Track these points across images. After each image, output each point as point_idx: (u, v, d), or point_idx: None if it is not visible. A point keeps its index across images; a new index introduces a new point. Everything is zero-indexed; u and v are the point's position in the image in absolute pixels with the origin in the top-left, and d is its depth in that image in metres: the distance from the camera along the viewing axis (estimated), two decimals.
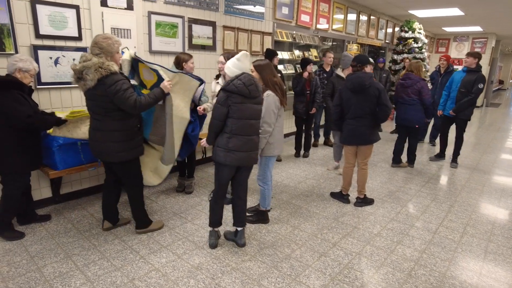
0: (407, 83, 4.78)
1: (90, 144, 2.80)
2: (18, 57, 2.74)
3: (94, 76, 2.46)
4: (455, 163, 5.37)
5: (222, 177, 2.72)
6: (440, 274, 2.61)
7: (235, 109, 2.55)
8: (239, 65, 2.62)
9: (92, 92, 2.55)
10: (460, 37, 13.30)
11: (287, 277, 2.50)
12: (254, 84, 2.59)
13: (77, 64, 2.54)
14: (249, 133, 2.63)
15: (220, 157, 2.62)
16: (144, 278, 2.44)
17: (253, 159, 2.73)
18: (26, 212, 3.13)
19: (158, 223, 3.15)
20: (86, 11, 3.44)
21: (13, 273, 2.46)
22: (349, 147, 3.73)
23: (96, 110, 2.64)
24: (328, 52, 5.85)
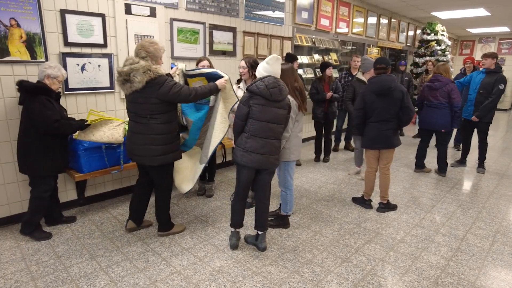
0: (435, 85, 4.58)
1: (128, 146, 2.86)
2: (47, 64, 2.86)
3: (142, 78, 2.53)
4: (482, 168, 5.17)
5: (240, 178, 2.74)
6: (469, 283, 2.51)
7: (255, 110, 2.58)
8: (268, 68, 2.63)
9: (137, 95, 2.61)
10: (485, 38, 12.91)
11: (308, 282, 2.47)
12: (277, 87, 2.58)
13: (123, 67, 2.60)
14: (268, 136, 2.62)
15: (237, 156, 2.67)
16: (166, 280, 2.47)
17: (272, 163, 2.71)
18: (53, 214, 3.23)
19: (179, 226, 3.18)
20: (111, 19, 3.55)
21: (42, 272, 2.54)
22: (372, 151, 3.66)
23: (141, 113, 2.68)
24: (355, 56, 5.78)
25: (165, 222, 3.06)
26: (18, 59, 3.01)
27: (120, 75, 2.60)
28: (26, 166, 2.89)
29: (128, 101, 2.75)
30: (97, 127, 3.22)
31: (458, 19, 9.36)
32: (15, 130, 3.00)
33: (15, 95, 3.00)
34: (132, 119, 2.78)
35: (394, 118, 3.51)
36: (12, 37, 2.95)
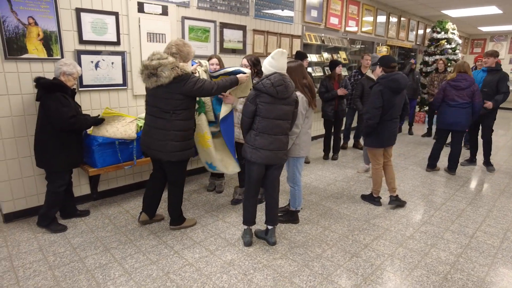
0: (464, 84, 4.44)
1: (144, 140, 2.90)
2: (63, 62, 2.93)
3: (170, 74, 2.58)
4: (491, 166, 5.14)
5: (251, 174, 2.77)
6: (478, 279, 2.52)
7: (262, 108, 2.60)
8: (273, 63, 2.63)
9: (163, 90, 2.65)
10: (497, 36, 12.75)
11: (318, 275, 2.50)
12: (283, 85, 2.58)
13: (150, 61, 2.63)
14: (276, 132, 2.65)
15: (247, 153, 2.70)
16: (179, 272, 2.52)
17: (281, 158, 2.75)
18: (68, 207, 3.32)
19: (191, 220, 3.24)
20: (124, 17, 3.63)
21: (59, 262, 2.62)
22: (381, 149, 3.68)
23: (165, 108, 2.72)
24: (365, 54, 5.77)
25: (177, 216, 3.12)
26: (36, 56, 3.10)
27: (146, 68, 2.63)
28: (42, 161, 2.98)
29: (149, 95, 2.78)
30: (110, 123, 3.29)
31: (469, 17, 9.26)
32: (32, 126, 3.08)
33: (33, 92, 3.08)
34: (152, 113, 2.80)
35: (399, 115, 3.66)
36: (30, 35, 3.03)
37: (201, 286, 2.36)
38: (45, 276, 2.45)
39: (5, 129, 3.06)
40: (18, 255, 2.71)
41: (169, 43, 2.79)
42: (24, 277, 2.43)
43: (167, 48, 2.76)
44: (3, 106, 3.01)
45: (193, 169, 4.65)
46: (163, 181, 3.11)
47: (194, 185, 4.28)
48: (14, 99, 3.06)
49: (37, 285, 2.35)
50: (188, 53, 2.81)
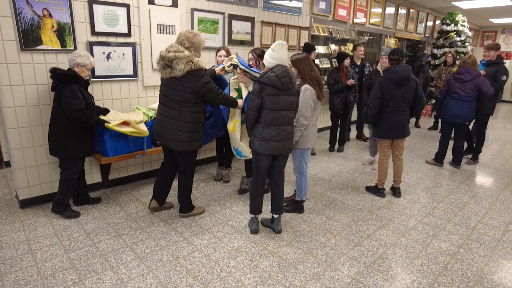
0: (466, 77, 4.48)
1: (156, 129, 2.98)
2: (77, 53, 3.01)
3: (184, 67, 2.68)
4: (474, 161, 5.17)
5: (259, 165, 2.84)
6: (478, 269, 2.59)
7: (268, 100, 2.65)
8: (274, 55, 2.68)
9: (175, 82, 2.76)
10: (509, 28, 12.55)
11: (322, 263, 2.60)
12: (287, 76, 2.64)
13: (167, 52, 2.73)
14: (282, 123, 2.72)
15: (256, 146, 2.77)
16: (188, 257, 2.64)
17: (288, 148, 2.82)
18: (81, 194, 3.44)
19: (199, 208, 3.35)
20: (135, 9, 3.69)
21: (73, 247, 2.74)
22: (386, 140, 3.74)
23: (175, 99, 2.82)
24: (359, 46, 5.90)
25: (186, 204, 3.23)
26: (50, 47, 3.18)
27: (163, 59, 2.74)
28: (56, 149, 3.08)
29: (164, 85, 2.88)
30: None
31: (481, 9, 9.14)
32: (46, 115, 3.19)
33: (47, 82, 3.18)
34: (164, 103, 2.90)
35: (408, 107, 3.63)
36: (44, 26, 3.11)
37: (209, 271, 2.47)
38: (61, 259, 2.58)
39: (21, 118, 3.17)
40: (35, 239, 2.84)
41: (179, 37, 2.84)
42: (41, 260, 2.56)
43: (178, 42, 2.83)
44: (19, 96, 3.11)
45: (201, 159, 4.74)
46: (174, 170, 3.21)
47: (202, 175, 4.38)
48: (29, 89, 3.16)
49: (54, 267, 2.48)
50: (200, 43, 2.87)
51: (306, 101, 2.92)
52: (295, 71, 2.98)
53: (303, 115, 2.95)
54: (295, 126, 2.96)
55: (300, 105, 2.90)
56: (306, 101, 2.92)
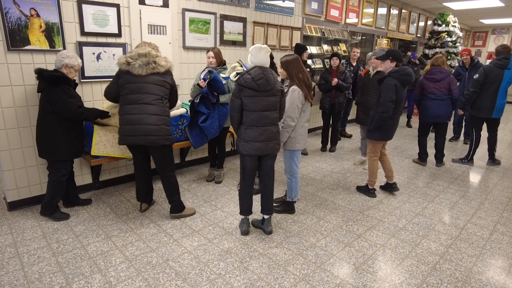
0: (438, 76, 4.62)
1: (132, 130, 2.83)
2: (64, 54, 2.96)
3: (166, 64, 2.91)
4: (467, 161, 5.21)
5: (245, 166, 2.86)
6: (466, 269, 2.62)
7: (247, 102, 2.67)
8: (252, 59, 2.71)
9: (158, 77, 2.87)
10: (499, 29, 12.69)
11: (312, 264, 2.60)
12: (264, 78, 2.63)
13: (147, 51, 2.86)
14: (264, 123, 2.72)
15: (239, 147, 2.79)
16: (178, 259, 2.62)
17: (273, 148, 2.82)
18: (70, 196, 3.40)
19: (190, 209, 3.33)
20: (125, 9, 3.66)
21: (62, 249, 2.72)
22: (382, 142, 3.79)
23: (158, 94, 2.88)
24: (354, 47, 5.96)
25: (179, 204, 3.22)
26: (38, 48, 3.15)
27: (145, 56, 2.83)
28: (44, 151, 3.04)
29: (138, 82, 2.83)
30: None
31: (471, 10, 9.23)
32: (35, 116, 3.15)
33: (35, 83, 3.14)
34: (139, 101, 2.82)
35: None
36: (32, 26, 3.08)
37: (199, 273, 2.46)
38: (49, 262, 2.55)
39: (9, 120, 3.13)
40: (22, 242, 2.81)
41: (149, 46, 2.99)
42: (28, 263, 2.53)
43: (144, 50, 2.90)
44: (7, 97, 3.07)
45: (194, 160, 4.73)
46: (148, 167, 3.26)
47: (194, 175, 4.36)
48: (17, 90, 3.12)
49: (41, 271, 2.45)
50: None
51: (293, 102, 2.92)
52: (284, 72, 2.98)
53: (290, 116, 2.95)
54: (282, 127, 2.96)
55: (287, 106, 2.91)
56: (293, 102, 2.92)
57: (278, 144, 2.90)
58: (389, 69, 3.60)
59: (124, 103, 2.88)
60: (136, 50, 2.88)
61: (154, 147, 2.97)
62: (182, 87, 4.34)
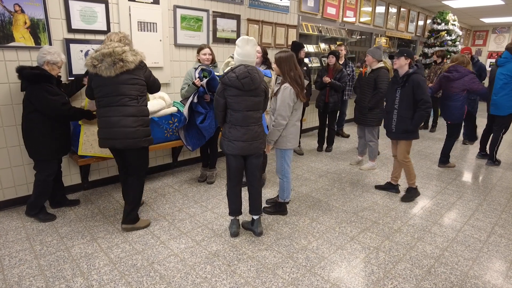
0: (453, 75, 4.45)
1: (108, 133, 2.70)
2: (46, 50, 2.85)
3: (135, 58, 2.62)
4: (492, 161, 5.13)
5: (230, 165, 2.79)
6: (461, 273, 2.52)
7: (231, 101, 2.59)
8: (238, 50, 2.58)
9: (128, 76, 2.62)
10: (500, 28, 12.58)
11: (302, 267, 2.51)
12: (249, 76, 2.52)
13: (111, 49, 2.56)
14: (248, 123, 2.64)
15: (224, 146, 2.72)
16: (163, 262, 2.54)
17: (257, 147, 2.72)
18: (57, 197, 3.32)
19: (145, 221, 3.05)
20: (114, 5, 3.58)
21: (45, 252, 2.63)
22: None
23: (131, 94, 2.66)
24: (341, 45, 5.99)
25: (134, 214, 2.96)
26: (23, 44, 3.07)
27: (110, 55, 2.54)
28: (30, 151, 2.96)
29: (109, 84, 2.61)
30: None
31: (471, 8, 9.12)
32: (20, 115, 3.06)
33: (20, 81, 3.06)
34: (114, 104, 2.64)
35: None
36: (16, 23, 3.00)
37: (184, 277, 2.37)
38: (30, 265, 2.46)
39: None
40: (5, 244, 2.73)
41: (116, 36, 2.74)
42: (9, 266, 2.45)
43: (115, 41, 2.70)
44: None
45: (186, 160, 4.65)
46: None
47: (186, 176, 4.28)
48: (1, 88, 3.04)
49: (22, 274, 2.37)
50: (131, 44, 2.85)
51: (284, 100, 2.83)
52: (277, 68, 2.90)
53: (280, 115, 2.86)
54: (273, 126, 2.88)
55: (278, 104, 2.82)
56: (284, 100, 2.83)
57: (263, 143, 2.81)
58: (404, 66, 3.50)
59: (100, 105, 2.71)
60: (100, 49, 2.59)
61: (131, 150, 2.77)
62: (173, 85, 4.26)
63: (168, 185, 4.00)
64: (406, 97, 3.51)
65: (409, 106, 3.51)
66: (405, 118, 3.55)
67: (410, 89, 3.46)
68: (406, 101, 3.51)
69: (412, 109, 3.51)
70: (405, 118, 3.55)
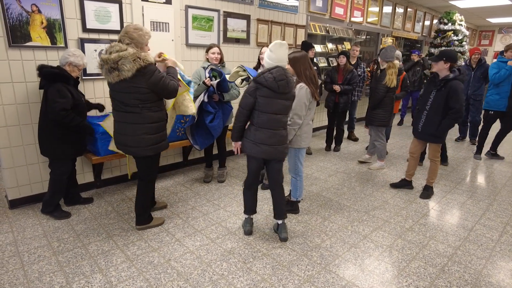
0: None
1: (118, 138, 2.73)
2: (71, 52, 2.91)
3: (132, 66, 2.40)
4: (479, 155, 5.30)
5: (250, 167, 2.77)
6: (475, 271, 2.54)
7: (261, 102, 2.53)
8: (271, 56, 2.54)
9: (126, 84, 2.48)
10: (506, 28, 12.54)
11: (317, 265, 2.54)
12: (285, 79, 2.51)
13: (109, 54, 2.45)
14: (275, 127, 2.60)
15: (246, 148, 2.67)
16: (180, 259, 2.57)
17: (281, 152, 2.68)
18: (72, 195, 3.37)
19: (158, 219, 3.09)
20: (128, 5, 3.61)
21: (62, 248, 2.67)
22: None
23: (131, 103, 2.56)
24: (354, 45, 5.95)
25: (143, 215, 2.97)
26: (39, 44, 3.11)
27: (106, 62, 2.43)
28: (45, 149, 3.01)
29: (114, 90, 2.58)
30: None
31: (478, 8, 9.10)
32: (36, 113, 3.12)
33: (36, 80, 3.10)
34: (118, 109, 2.64)
35: None
36: (33, 23, 3.04)
37: (201, 273, 2.41)
38: (49, 261, 2.51)
39: (10, 117, 3.09)
40: (23, 240, 2.77)
41: (120, 33, 2.56)
42: (29, 262, 2.49)
43: (119, 39, 2.55)
44: (8, 94, 3.04)
45: (196, 159, 4.68)
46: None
47: (197, 174, 4.31)
48: (18, 87, 3.08)
49: (41, 270, 2.41)
50: (140, 37, 2.54)
51: (301, 100, 2.85)
52: (291, 69, 2.92)
53: (297, 114, 2.88)
54: (289, 125, 2.89)
55: (295, 104, 2.84)
56: (301, 100, 2.85)
57: (287, 148, 2.77)
58: (443, 70, 3.39)
59: (112, 108, 2.73)
60: (102, 54, 2.51)
61: (136, 157, 2.79)
62: None
63: (179, 183, 4.03)
64: (439, 101, 3.44)
65: (439, 111, 3.45)
66: (433, 121, 3.51)
67: (445, 94, 3.37)
68: (438, 105, 3.45)
69: (441, 115, 3.45)
70: (432, 122, 3.52)
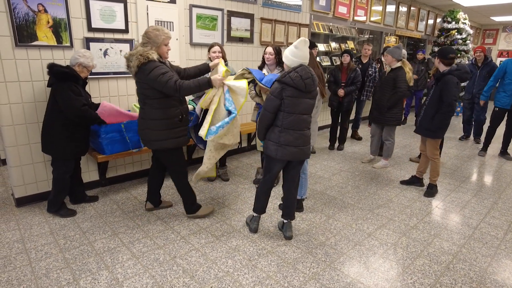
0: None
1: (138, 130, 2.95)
2: (82, 53, 2.95)
3: (135, 63, 2.57)
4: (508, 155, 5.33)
5: (272, 170, 2.72)
6: (480, 269, 2.54)
7: (288, 103, 2.47)
8: (297, 53, 2.47)
9: (136, 80, 2.71)
10: (510, 27, 12.48)
11: (321, 263, 2.55)
12: (311, 77, 2.47)
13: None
14: (301, 127, 2.55)
15: (271, 151, 2.59)
16: (185, 256, 2.59)
17: (305, 154, 2.63)
18: (77, 193, 3.39)
19: (207, 208, 3.22)
20: (132, 5, 3.63)
21: (69, 246, 2.70)
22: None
23: (139, 98, 2.78)
24: (365, 44, 5.83)
25: (188, 204, 3.13)
26: (45, 43, 3.13)
27: (126, 60, 2.70)
28: (48, 147, 3.02)
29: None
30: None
31: (482, 6, 9.06)
32: (42, 112, 3.13)
33: (43, 79, 3.13)
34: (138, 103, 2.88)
35: None
36: (39, 22, 3.06)
37: (207, 270, 2.42)
38: (56, 258, 2.53)
39: (16, 116, 3.12)
40: (30, 237, 2.80)
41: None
42: (36, 259, 2.52)
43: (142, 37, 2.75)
44: (14, 92, 3.06)
45: (199, 158, 4.69)
46: (160, 169, 3.13)
47: None
48: (24, 86, 3.11)
49: (49, 267, 2.43)
50: (156, 37, 2.63)
51: None
52: None
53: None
54: None
55: None
56: None
57: (310, 149, 2.72)
58: (439, 65, 3.60)
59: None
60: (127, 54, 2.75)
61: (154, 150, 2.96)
62: None
63: None
64: (434, 96, 3.55)
65: (434, 105, 3.55)
66: (428, 116, 3.60)
67: (439, 89, 3.49)
68: (433, 100, 3.56)
69: (435, 109, 3.54)
70: (428, 116, 3.60)
